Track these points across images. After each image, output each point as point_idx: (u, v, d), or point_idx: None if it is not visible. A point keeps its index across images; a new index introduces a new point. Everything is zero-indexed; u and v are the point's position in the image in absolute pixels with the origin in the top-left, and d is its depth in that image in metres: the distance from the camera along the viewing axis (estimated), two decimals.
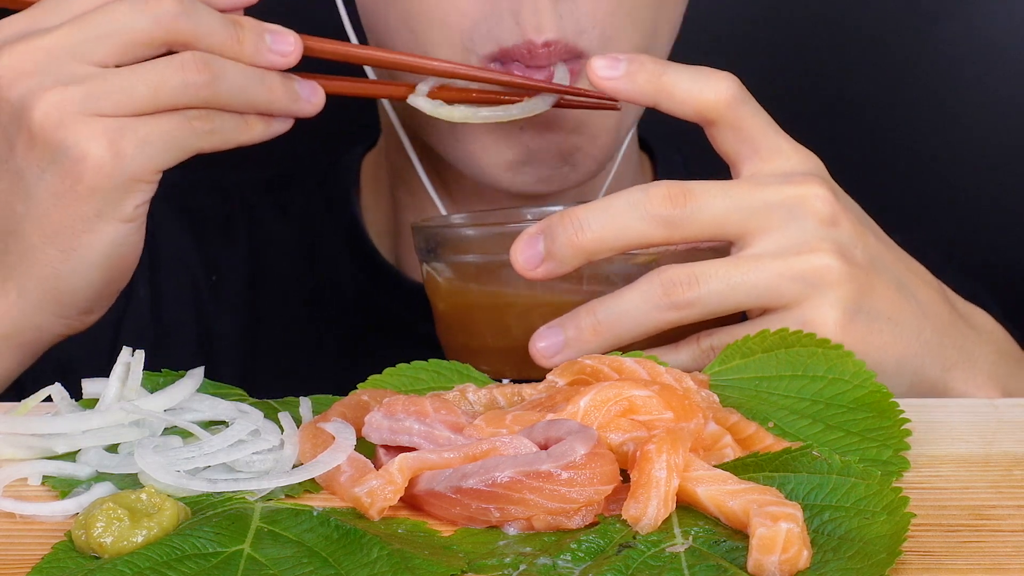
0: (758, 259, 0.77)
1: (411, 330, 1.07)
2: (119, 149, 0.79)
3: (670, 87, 0.80)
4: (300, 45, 0.84)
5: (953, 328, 0.83)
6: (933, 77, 1.43)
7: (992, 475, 0.66)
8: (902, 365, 0.79)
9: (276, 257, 1.14)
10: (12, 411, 0.70)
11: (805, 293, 0.77)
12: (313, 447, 0.67)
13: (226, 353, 1.10)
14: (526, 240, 0.78)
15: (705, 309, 0.76)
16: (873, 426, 0.69)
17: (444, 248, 0.83)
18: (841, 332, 0.77)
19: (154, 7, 0.80)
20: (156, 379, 0.75)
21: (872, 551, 0.57)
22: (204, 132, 0.81)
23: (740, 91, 0.80)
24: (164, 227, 1.13)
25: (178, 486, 0.64)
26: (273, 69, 0.83)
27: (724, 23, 1.43)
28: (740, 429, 0.67)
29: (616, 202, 0.77)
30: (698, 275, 0.76)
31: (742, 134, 0.80)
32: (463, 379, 0.74)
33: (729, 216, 0.77)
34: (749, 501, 0.59)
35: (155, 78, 0.80)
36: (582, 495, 0.60)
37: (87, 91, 0.79)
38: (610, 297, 0.77)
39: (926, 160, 1.45)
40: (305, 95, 0.85)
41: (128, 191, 0.80)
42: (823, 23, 1.43)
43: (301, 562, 0.59)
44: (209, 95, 0.81)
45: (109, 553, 0.59)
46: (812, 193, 0.78)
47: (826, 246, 0.77)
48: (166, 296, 1.12)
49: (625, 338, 0.77)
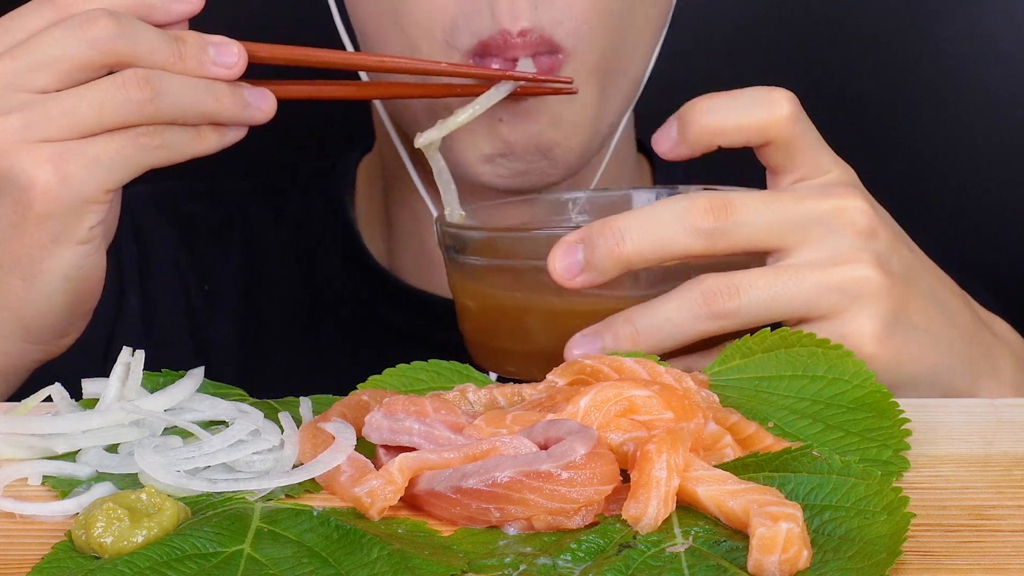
0: (798, 269, 0.76)
1: (407, 334, 1.06)
2: (65, 173, 0.79)
3: (719, 128, 0.79)
4: (244, 55, 0.82)
5: (979, 337, 0.83)
6: (934, 76, 1.43)
7: (992, 475, 0.66)
8: (936, 375, 0.79)
9: (271, 263, 1.14)
10: (12, 411, 0.70)
11: (843, 305, 0.76)
12: (313, 447, 0.67)
13: (221, 360, 1.10)
14: (565, 249, 0.77)
15: (745, 319, 0.76)
16: (873, 426, 0.69)
17: (472, 248, 0.82)
18: (879, 344, 0.77)
19: (90, 30, 0.79)
20: (156, 379, 0.75)
21: (872, 551, 0.57)
22: (153, 147, 0.80)
23: (796, 109, 0.80)
24: (155, 236, 1.12)
25: (178, 486, 0.64)
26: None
27: (724, 23, 1.43)
28: (740, 429, 0.67)
29: (658, 213, 0.76)
30: (739, 285, 0.76)
31: (791, 148, 0.80)
32: (463, 379, 0.74)
33: (770, 228, 0.77)
34: (749, 501, 0.59)
35: (97, 98, 0.79)
36: (582, 495, 0.60)
37: (28, 118, 0.79)
38: (648, 306, 0.77)
39: (927, 159, 1.45)
40: (255, 102, 0.83)
41: (81, 213, 0.80)
42: (823, 23, 1.43)
43: (301, 562, 0.59)
44: (154, 110, 0.80)
45: (109, 553, 0.59)
46: (852, 206, 0.78)
47: (865, 257, 0.77)
48: (158, 305, 1.11)
49: (663, 347, 0.76)
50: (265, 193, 1.17)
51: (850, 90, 1.43)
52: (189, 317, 1.12)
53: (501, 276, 0.82)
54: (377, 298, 1.10)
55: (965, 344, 0.81)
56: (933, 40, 1.42)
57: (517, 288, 0.81)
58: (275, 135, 0.87)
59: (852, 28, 1.43)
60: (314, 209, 1.14)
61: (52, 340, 0.84)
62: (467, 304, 0.84)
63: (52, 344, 0.84)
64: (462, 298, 0.85)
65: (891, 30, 1.43)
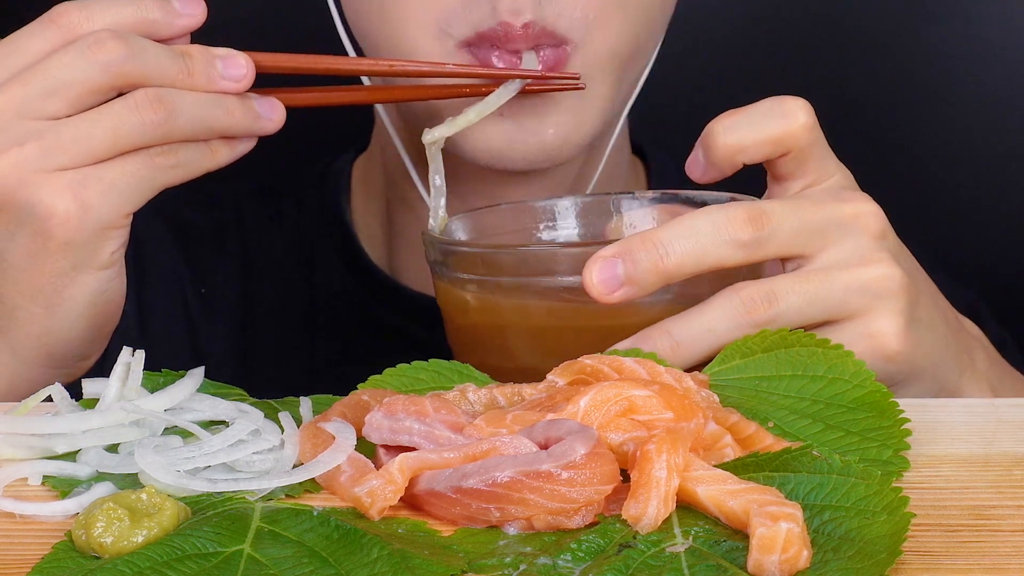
0: (827, 272, 0.77)
1: (406, 336, 1.06)
2: (84, 200, 0.78)
3: (740, 145, 0.79)
4: (252, 67, 0.82)
5: (961, 334, 0.84)
6: (931, 78, 1.43)
7: (992, 475, 0.66)
8: (936, 371, 0.80)
9: (268, 267, 1.13)
10: (12, 411, 0.70)
11: (870, 304, 0.77)
12: (313, 447, 0.67)
13: (218, 365, 1.09)
14: (603, 264, 0.75)
15: (783, 325, 0.76)
16: (873, 426, 0.69)
17: (460, 264, 0.82)
18: (902, 341, 0.77)
19: (99, 53, 0.79)
20: (156, 379, 0.74)
21: (872, 551, 0.57)
22: (169, 167, 0.80)
23: (812, 117, 0.80)
24: (150, 243, 1.11)
25: (178, 486, 0.64)
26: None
27: (724, 23, 1.43)
28: (740, 429, 0.67)
29: (697, 225, 0.76)
30: (776, 292, 0.76)
31: (805, 157, 0.80)
32: (463, 379, 0.74)
33: (798, 235, 0.77)
34: (749, 501, 0.59)
35: (111, 122, 0.79)
36: (582, 495, 0.60)
37: (43, 147, 0.78)
38: (686, 316, 0.76)
39: (925, 161, 1.45)
40: (265, 113, 0.83)
41: (101, 239, 0.80)
42: (823, 23, 1.43)
43: (301, 562, 0.59)
44: (168, 130, 0.79)
45: (109, 553, 0.59)
46: (866, 210, 0.78)
47: (884, 257, 0.78)
48: (155, 312, 1.11)
49: (702, 357, 0.76)
50: (260, 197, 1.16)
51: (848, 91, 1.43)
52: (186, 323, 1.11)
53: (488, 291, 0.81)
54: (375, 301, 1.09)
55: (954, 340, 0.82)
56: (930, 42, 1.43)
57: (505, 303, 0.80)
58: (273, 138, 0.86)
59: (851, 29, 1.43)
60: (310, 212, 1.14)
61: (74, 363, 0.84)
62: (454, 318, 0.84)
63: (74, 367, 0.84)
64: (449, 312, 0.84)
65: (889, 31, 1.43)
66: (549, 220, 0.91)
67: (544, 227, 0.90)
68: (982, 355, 0.86)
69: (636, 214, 0.89)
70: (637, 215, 0.89)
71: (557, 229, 0.90)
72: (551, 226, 0.90)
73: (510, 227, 0.90)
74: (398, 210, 1.09)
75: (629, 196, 0.90)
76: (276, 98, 0.84)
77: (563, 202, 0.90)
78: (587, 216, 0.90)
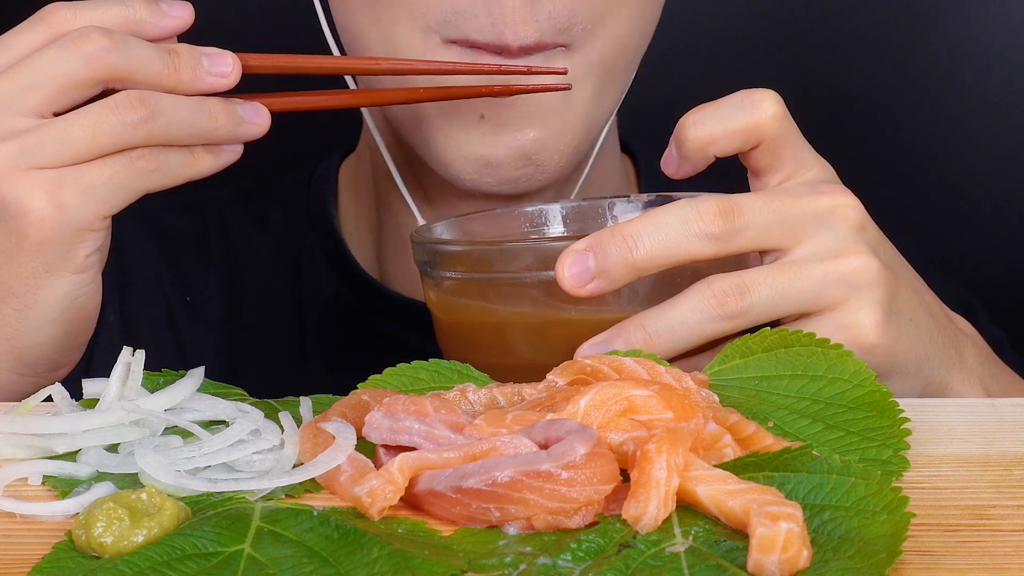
0: (802, 264, 0.77)
1: (394, 341, 1.05)
2: (60, 200, 0.78)
3: (709, 137, 0.80)
4: (239, 64, 0.82)
5: (949, 330, 0.84)
6: (930, 78, 1.43)
7: (992, 475, 0.66)
8: (921, 366, 0.80)
9: (254, 274, 1.12)
10: (12, 411, 0.70)
11: (846, 296, 0.77)
12: (313, 447, 0.67)
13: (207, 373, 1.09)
14: (574, 257, 0.76)
15: (756, 317, 0.76)
16: (873, 426, 0.69)
17: (445, 263, 0.82)
18: (880, 333, 0.77)
19: (83, 46, 0.78)
20: (156, 379, 0.75)
21: (872, 551, 0.57)
22: (149, 171, 0.79)
23: (781, 107, 0.80)
24: (133, 251, 1.10)
25: (178, 486, 0.64)
26: (215, 93, 0.81)
27: (724, 23, 1.43)
28: (740, 429, 0.67)
29: (667, 219, 0.76)
30: (748, 284, 0.76)
31: (778, 148, 0.80)
32: (463, 379, 0.74)
33: (772, 228, 0.77)
34: (749, 501, 0.59)
35: (90, 121, 0.78)
36: (582, 495, 0.60)
37: (22, 145, 0.78)
38: (659, 310, 0.76)
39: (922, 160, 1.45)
40: (249, 117, 0.82)
41: (76, 241, 0.79)
42: (822, 23, 1.43)
43: (301, 562, 0.59)
44: (149, 132, 0.79)
45: (109, 553, 0.59)
46: (843, 203, 0.78)
47: (861, 248, 0.78)
48: (138, 321, 1.10)
49: (676, 350, 0.76)
50: (245, 201, 1.15)
51: (848, 91, 1.44)
52: (171, 331, 1.10)
53: (476, 290, 0.81)
54: (364, 307, 1.08)
55: (940, 335, 0.82)
56: (930, 42, 1.43)
57: (493, 302, 0.80)
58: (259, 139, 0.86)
59: (850, 30, 1.43)
60: (297, 216, 1.13)
61: (45, 372, 0.83)
62: (444, 320, 0.84)
63: (45, 377, 0.83)
64: (439, 314, 0.84)
65: (888, 31, 1.43)
66: (542, 225, 0.91)
67: (537, 233, 0.90)
68: (972, 352, 0.86)
69: (629, 218, 0.89)
70: (631, 218, 0.89)
71: (551, 235, 0.90)
72: (545, 232, 0.90)
73: (503, 233, 0.90)
74: (387, 215, 1.08)
75: (624, 199, 0.90)
76: (261, 103, 0.83)
77: (553, 207, 0.90)
78: (582, 220, 0.90)
